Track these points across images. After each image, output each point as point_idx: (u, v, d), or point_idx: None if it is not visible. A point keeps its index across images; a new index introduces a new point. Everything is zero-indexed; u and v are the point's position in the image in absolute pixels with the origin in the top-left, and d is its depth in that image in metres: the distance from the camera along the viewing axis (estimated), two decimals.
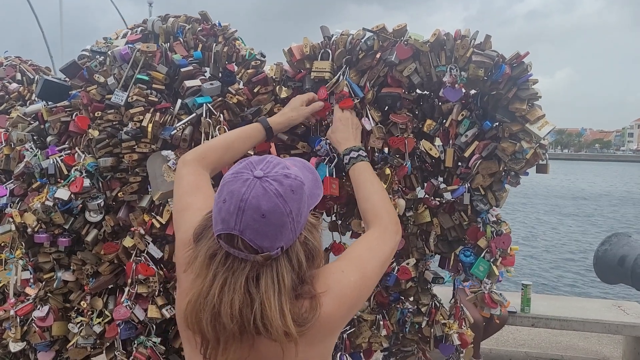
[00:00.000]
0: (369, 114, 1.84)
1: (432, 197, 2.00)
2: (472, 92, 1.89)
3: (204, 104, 1.89)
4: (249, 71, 1.97)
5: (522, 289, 4.95)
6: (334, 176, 1.87)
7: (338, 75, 1.86)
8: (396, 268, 1.95)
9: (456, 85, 1.75)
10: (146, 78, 1.92)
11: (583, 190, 33.17)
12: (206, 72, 2.05)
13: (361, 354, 2.02)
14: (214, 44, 2.00)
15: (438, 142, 1.97)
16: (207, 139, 1.87)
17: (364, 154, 1.69)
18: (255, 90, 1.95)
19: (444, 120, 1.90)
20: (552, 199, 26.83)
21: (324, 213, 2.05)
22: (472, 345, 2.03)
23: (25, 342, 1.97)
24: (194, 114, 1.90)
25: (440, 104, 1.90)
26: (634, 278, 4.95)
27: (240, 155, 1.73)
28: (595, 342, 5.75)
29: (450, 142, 1.88)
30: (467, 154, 1.84)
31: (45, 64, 3.02)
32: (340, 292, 1.17)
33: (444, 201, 2.00)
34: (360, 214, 1.96)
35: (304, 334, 1.06)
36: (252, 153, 1.90)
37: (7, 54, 2.94)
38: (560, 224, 18.86)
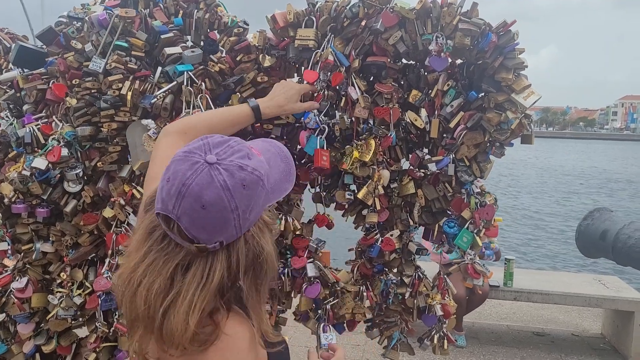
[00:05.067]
0: (355, 83, 1.81)
1: (417, 169, 1.99)
2: (458, 61, 1.86)
3: (185, 72, 1.85)
4: (232, 39, 1.92)
5: (506, 264, 5.02)
6: (325, 148, 1.85)
7: (323, 44, 1.83)
8: (380, 239, 1.94)
9: (442, 54, 1.73)
10: (125, 45, 1.86)
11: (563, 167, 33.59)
12: (187, 40, 2.00)
13: (345, 324, 2.03)
14: (195, 11, 1.94)
15: (423, 113, 1.95)
16: (188, 108, 1.84)
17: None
18: (238, 58, 1.91)
19: (430, 91, 1.87)
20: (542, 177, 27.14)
21: (308, 184, 2.04)
22: (455, 316, 2.05)
23: (4, 314, 1.95)
24: (174, 82, 1.85)
25: (426, 74, 1.88)
26: (615, 252, 5.03)
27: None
28: (576, 315, 5.87)
29: (436, 112, 1.86)
30: (452, 125, 1.82)
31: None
32: None
33: (428, 173, 1.99)
34: (343, 187, 1.95)
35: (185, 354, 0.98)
36: None
37: None
38: (543, 200, 19.12)
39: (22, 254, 1.94)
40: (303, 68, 1.93)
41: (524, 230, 13.81)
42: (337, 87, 1.87)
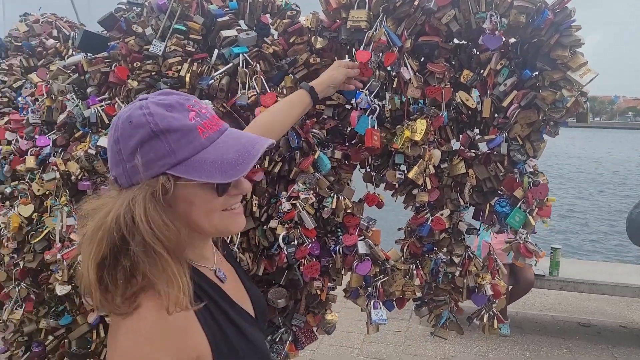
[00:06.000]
0: (408, 63, 1.83)
1: (468, 149, 1.99)
2: (512, 40, 1.85)
3: (241, 54, 1.91)
4: (285, 21, 1.97)
5: (551, 253, 4.93)
6: (375, 128, 1.87)
7: (375, 25, 1.85)
8: (430, 219, 1.96)
9: (496, 33, 1.72)
10: (183, 28, 1.94)
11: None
12: (241, 24, 2.05)
13: (394, 302, 2.06)
14: None
15: (475, 93, 1.95)
16: (244, 89, 1.90)
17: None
18: (291, 40, 1.95)
19: (482, 70, 1.87)
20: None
21: (358, 165, 2.07)
22: (505, 296, 2.05)
23: (70, 286, 2.05)
24: (230, 64, 1.91)
25: (478, 53, 1.88)
26: None
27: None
28: (624, 307, 5.73)
29: (488, 92, 1.86)
30: (505, 104, 1.81)
31: None
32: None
33: (479, 153, 1.99)
34: (393, 166, 1.98)
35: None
36: None
37: (42, 11, 2.99)
38: (591, 189, 18.61)
39: None
40: (354, 49, 1.97)
41: (570, 219, 13.49)
42: (389, 68, 1.89)
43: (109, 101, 2.02)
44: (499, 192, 1.95)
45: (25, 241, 2.13)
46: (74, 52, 2.44)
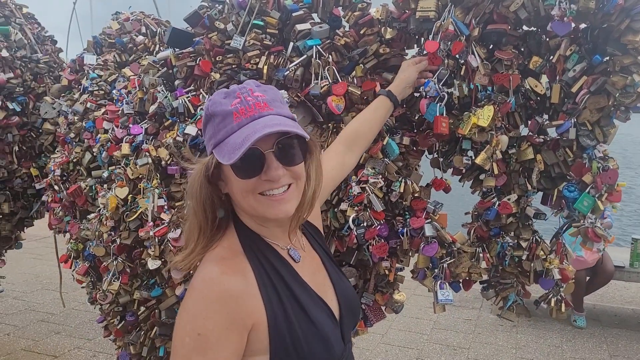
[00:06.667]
0: (475, 51, 1.87)
1: (536, 135, 2.01)
2: (582, 26, 1.85)
3: (314, 46, 2.02)
4: (356, 14, 2.06)
5: (632, 244, 4.76)
6: (444, 115, 1.93)
7: (443, 14, 1.90)
8: (497, 203, 2.00)
9: (565, 19, 1.74)
10: (261, 23, 2.08)
11: None
12: (314, 17, 2.17)
13: (460, 284, 2.12)
14: None
15: (544, 79, 1.96)
16: (317, 79, 2.01)
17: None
18: (362, 31, 2.05)
19: (551, 57, 1.88)
20: None
21: (426, 150, 2.13)
22: (574, 290, 2.04)
23: (161, 261, 2.26)
24: (304, 56, 2.03)
25: (547, 39, 1.89)
26: None
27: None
28: None
29: (557, 78, 1.87)
30: (574, 90, 1.82)
31: None
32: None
33: (548, 138, 2.00)
34: (460, 152, 2.03)
35: None
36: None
37: (132, 10, 3.25)
38: None
39: (175, 209, 2.24)
40: (423, 39, 2.03)
41: None
42: (457, 56, 1.94)
43: (195, 92, 2.20)
44: (568, 177, 1.96)
45: (121, 220, 2.37)
46: (161, 48, 2.65)
